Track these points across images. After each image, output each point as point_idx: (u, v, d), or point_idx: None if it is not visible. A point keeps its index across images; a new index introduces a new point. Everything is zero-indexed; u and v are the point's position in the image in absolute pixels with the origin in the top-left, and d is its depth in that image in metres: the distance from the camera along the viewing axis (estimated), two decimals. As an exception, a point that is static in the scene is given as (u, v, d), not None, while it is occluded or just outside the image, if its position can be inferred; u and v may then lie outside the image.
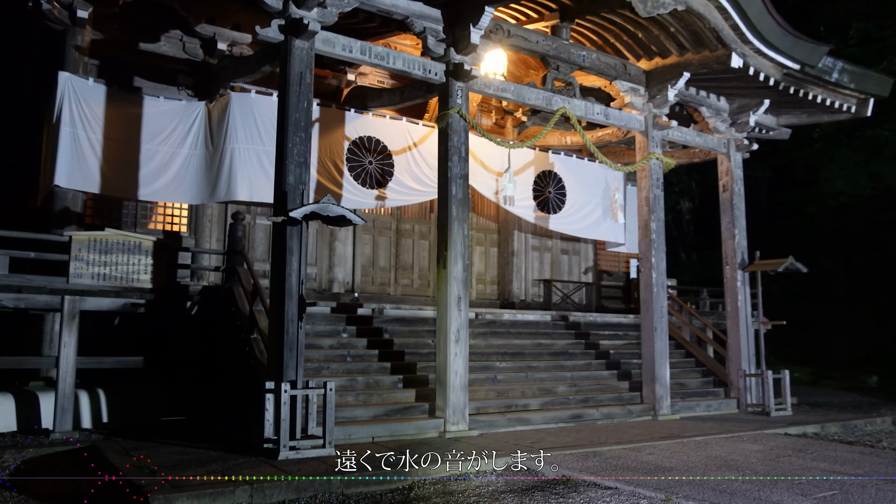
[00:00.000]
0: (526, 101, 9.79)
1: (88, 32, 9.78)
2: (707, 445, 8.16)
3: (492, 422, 8.70)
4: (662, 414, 10.22)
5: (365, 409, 8.13)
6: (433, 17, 8.78)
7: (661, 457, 7.34)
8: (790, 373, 11.66)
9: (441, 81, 8.91)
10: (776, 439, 8.76)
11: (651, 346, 10.43)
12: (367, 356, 9.19)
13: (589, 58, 10.33)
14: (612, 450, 7.65)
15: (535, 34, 9.90)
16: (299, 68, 7.71)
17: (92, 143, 9.35)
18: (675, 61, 10.56)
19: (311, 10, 7.76)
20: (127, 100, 9.70)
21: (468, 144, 8.93)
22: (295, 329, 7.18)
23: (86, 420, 8.57)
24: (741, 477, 6.40)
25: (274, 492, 5.67)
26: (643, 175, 10.86)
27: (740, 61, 9.94)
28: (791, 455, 7.63)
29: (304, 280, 7.28)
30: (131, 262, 8.44)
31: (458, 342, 8.45)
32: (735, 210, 11.90)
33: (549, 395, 9.77)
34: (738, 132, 12.04)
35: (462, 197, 8.76)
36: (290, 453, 6.69)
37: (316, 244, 11.41)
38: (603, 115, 10.46)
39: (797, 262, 11.25)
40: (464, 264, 8.67)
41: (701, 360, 12.28)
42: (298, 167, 7.56)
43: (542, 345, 11.01)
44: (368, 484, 6.09)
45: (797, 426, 9.95)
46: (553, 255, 14.16)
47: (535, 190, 12.69)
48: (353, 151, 10.72)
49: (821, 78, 10.77)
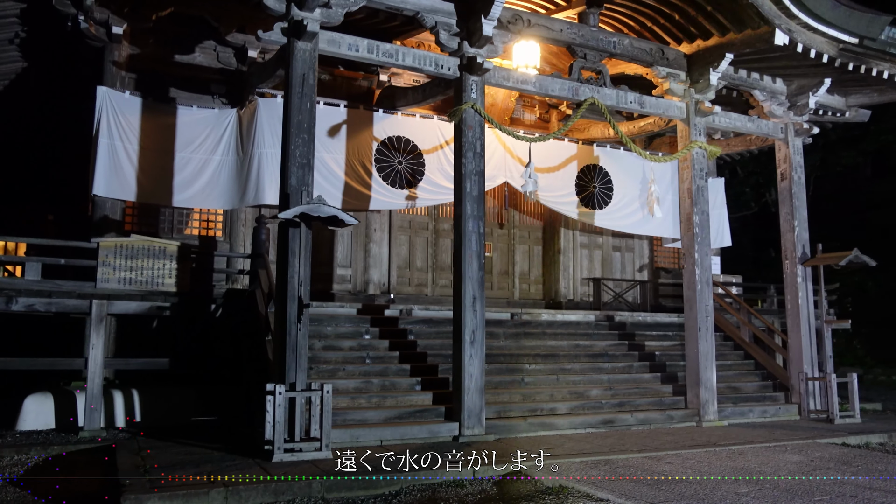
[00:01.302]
0: (550, 93, 9.41)
1: (125, 48, 10.22)
2: (740, 455, 7.53)
3: (512, 426, 8.39)
4: (708, 420, 9.56)
5: (377, 411, 8.03)
6: (445, 11, 8.59)
7: (679, 467, 6.83)
8: (878, 375, 10.67)
9: (455, 76, 8.70)
10: (826, 449, 7.98)
11: (695, 347, 9.78)
12: (388, 358, 9.09)
13: (620, 44, 9.83)
14: (628, 458, 7.19)
15: (560, 22, 9.51)
16: (302, 70, 7.72)
17: (129, 153, 9.75)
18: (717, 42, 9.87)
19: (313, 11, 7.76)
20: (161, 110, 10.06)
21: (484, 140, 8.68)
22: (295, 331, 7.17)
23: (120, 419, 8.93)
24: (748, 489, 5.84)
25: (250, 494, 5.64)
26: (685, 165, 10.21)
27: (785, 38, 9.16)
28: (831, 468, 6.91)
29: (304, 282, 7.27)
30: (156, 266, 8.71)
31: (473, 344, 8.21)
32: (794, 200, 11.00)
33: (580, 398, 9.34)
34: (796, 115, 11.13)
35: (477, 194, 8.51)
36: (284, 455, 6.68)
37: (351, 246, 11.45)
38: (637, 103, 9.91)
39: (863, 255, 10.27)
40: (479, 263, 8.41)
41: (761, 363, 11.43)
42: (301, 169, 7.56)
43: (580, 346, 10.55)
44: (353, 488, 5.98)
45: (860, 435, 9.05)
46: (604, 252, 13.59)
47: (579, 185, 12.23)
48: (382, 152, 10.67)
49: (885, 51, 9.77)
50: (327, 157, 10.26)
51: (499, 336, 10.21)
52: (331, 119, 10.35)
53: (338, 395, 8.17)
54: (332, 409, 7.84)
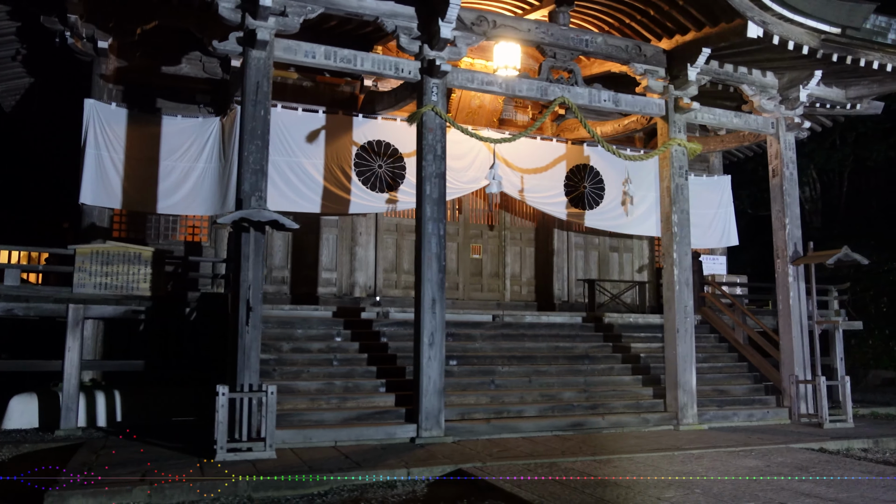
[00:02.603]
0: (517, 94, 9.35)
1: (112, 61, 10.62)
2: (695, 460, 7.33)
3: (474, 428, 8.36)
4: (686, 423, 9.33)
5: (336, 412, 8.12)
6: (405, 15, 8.64)
7: (621, 471, 6.69)
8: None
9: (416, 79, 8.74)
10: (794, 455, 7.70)
11: (674, 348, 9.56)
12: (356, 360, 9.19)
13: (593, 42, 9.70)
14: (577, 461, 7.09)
15: (528, 22, 9.46)
16: (256, 78, 7.89)
17: (114, 162, 10.13)
18: (694, 37, 9.66)
19: (267, 20, 7.92)
20: (146, 120, 10.41)
21: (444, 142, 8.69)
22: (244, 333, 7.32)
23: (101, 419, 9.27)
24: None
25: (174, 492, 5.79)
26: (664, 164, 10.00)
27: (759, 30, 8.90)
28: (786, 473, 6.65)
29: (253, 285, 7.40)
30: (131, 271, 9.02)
31: (432, 346, 8.22)
32: (786, 197, 10.64)
33: (551, 401, 9.25)
34: (788, 110, 10.78)
35: (438, 196, 8.53)
36: (228, 455, 6.84)
37: (336, 249, 11.59)
38: (612, 101, 9.76)
39: (854, 254, 9.85)
40: (439, 265, 8.42)
41: (755, 365, 11.09)
42: (254, 175, 7.72)
43: (561, 348, 10.44)
44: (281, 488, 6.08)
45: (844, 440, 8.70)
46: (601, 253, 13.40)
47: (568, 185, 12.10)
48: (362, 156, 10.78)
49: (872, 41, 9.39)
50: (306, 162, 10.43)
51: (476, 338, 10.20)
52: (309, 125, 10.52)
53: (299, 397, 8.34)
54: (292, 410, 8.06)
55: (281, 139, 10.32)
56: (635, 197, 12.30)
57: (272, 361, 8.72)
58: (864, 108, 12.15)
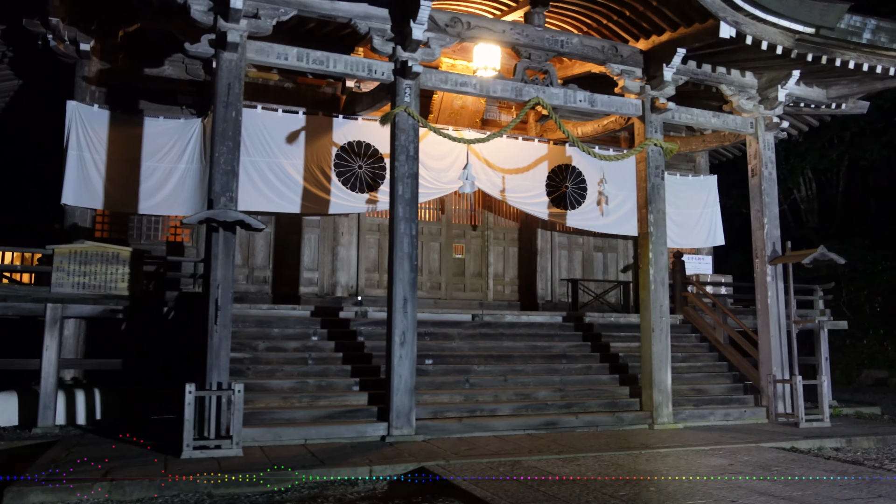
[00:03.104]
0: (491, 94, 9.40)
1: (95, 63, 10.73)
2: (661, 458, 7.37)
3: (445, 427, 8.43)
4: (661, 423, 9.36)
5: (308, 411, 8.19)
6: (379, 17, 8.70)
7: (584, 469, 6.73)
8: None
9: (389, 80, 8.81)
10: (762, 454, 7.71)
11: (649, 348, 9.60)
12: (331, 359, 9.26)
13: (569, 43, 9.74)
14: (541, 459, 7.14)
15: (502, 24, 9.51)
16: (227, 79, 7.97)
17: (96, 163, 10.23)
18: (669, 38, 9.68)
19: (239, 22, 8.00)
20: (129, 122, 10.51)
21: (417, 143, 8.75)
22: (213, 332, 7.41)
23: (81, 417, 9.36)
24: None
25: (134, 489, 5.87)
26: (641, 164, 10.04)
27: (732, 30, 8.93)
28: (748, 472, 6.68)
29: (221, 284, 7.48)
30: (109, 271, 9.11)
31: (403, 345, 8.28)
32: (765, 196, 10.65)
33: (526, 400, 9.30)
34: (767, 109, 10.78)
35: (410, 197, 8.59)
36: (194, 452, 6.93)
37: (318, 249, 11.68)
38: (588, 102, 9.80)
39: (830, 253, 9.87)
40: (411, 265, 8.49)
41: (735, 365, 11.10)
42: (225, 175, 7.81)
43: (539, 347, 10.48)
44: (241, 486, 6.15)
45: (817, 440, 8.72)
46: (585, 252, 13.43)
47: (550, 185, 12.14)
48: (342, 157, 10.85)
49: (847, 40, 9.39)
50: (286, 163, 10.52)
51: (454, 337, 10.25)
52: (289, 126, 10.60)
53: (271, 395, 8.43)
54: (264, 408, 8.15)
55: (261, 140, 10.42)
56: (613, 196, 12.32)
57: (247, 360, 8.81)
58: (849, 108, 12.14)
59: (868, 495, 5.82)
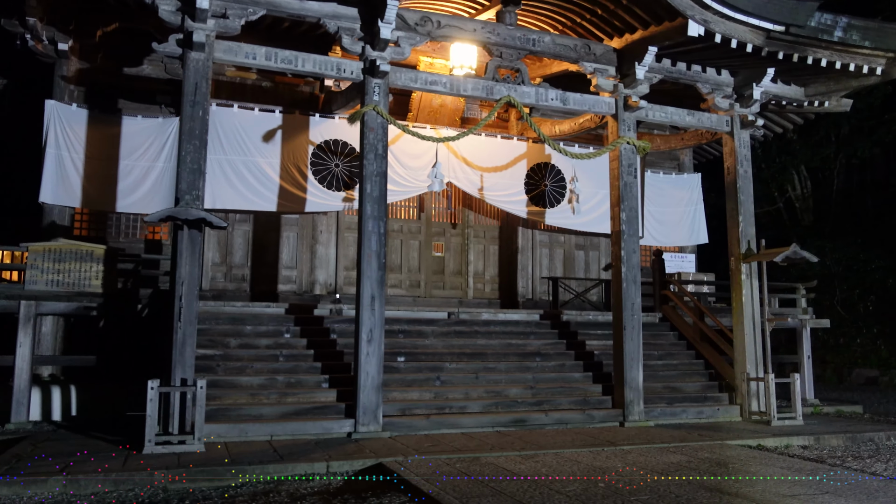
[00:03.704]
0: (462, 93, 9.45)
1: (74, 62, 10.83)
2: (621, 456, 7.38)
3: (412, 424, 8.48)
4: (632, 420, 9.39)
5: (275, 407, 8.26)
6: (348, 17, 8.75)
7: (541, 466, 6.77)
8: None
9: (359, 79, 8.86)
10: (726, 451, 7.72)
11: (620, 346, 9.63)
12: (302, 356, 9.32)
13: (541, 41, 9.77)
14: (500, 456, 7.18)
15: (473, 22, 9.55)
16: (194, 79, 8.05)
17: (74, 162, 10.33)
18: (641, 36, 9.71)
19: (207, 22, 8.08)
20: (107, 121, 10.60)
21: (386, 141, 8.80)
22: (177, 328, 7.49)
23: (56, 413, 9.46)
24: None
25: (90, 483, 5.95)
26: (614, 162, 10.06)
27: (700, 28, 8.95)
28: (703, 469, 6.70)
29: (185, 281, 7.55)
30: (83, 269, 9.20)
31: (370, 342, 8.34)
32: (740, 194, 10.65)
33: (497, 397, 9.34)
34: (743, 108, 10.79)
35: (378, 195, 8.64)
36: (156, 448, 7.00)
37: (296, 247, 11.75)
38: (560, 100, 9.83)
39: (803, 251, 9.87)
40: (379, 263, 8.54)
41: (711, 363, 11.11)
42: (191, 174, 7.89)
43: (513, 345, 10.52)
44: (197, 480, 6.22)
45: (786, 437, 8.74)
46: (566, 251, 13.46)
47: (529, 184, 12.18)
48: (319, 155, 10.92)
49: (818, 38, 9.40)
50: (262, 161, 10.59)
51: (428, 335, 10.31)
52: (266, 125, 10.68)
53: (240, 391, 8.50)
54: (232, 404, 8.23)
55: (237, 139, 10.50)
56: (591, 195, 12.36)
57: (218, 357, 8.89)
58: (832, 106, 12.12)
59: (815, 492, 5.84)
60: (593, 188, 12.38)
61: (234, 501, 5.77)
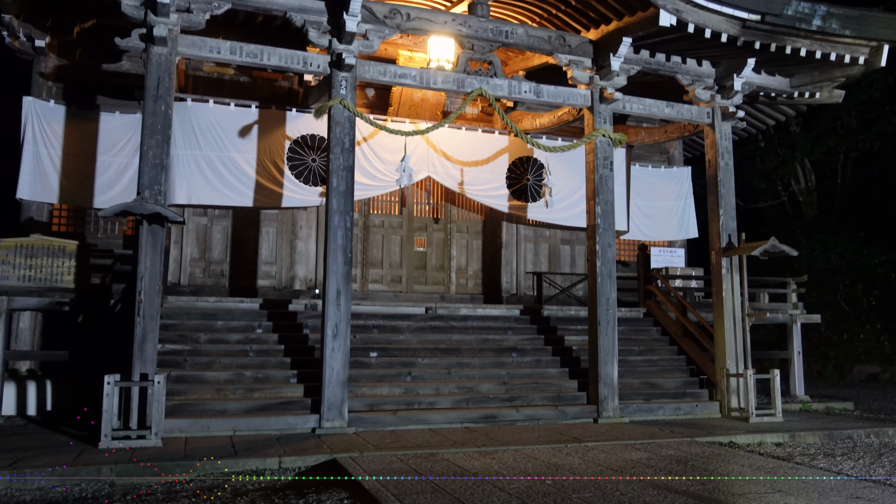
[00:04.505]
0: (432, 86, 9.36)
1: (53, 59, 10.87)
2: (582, 453, 7.26)
3: (379, 420, 8.43)
4: (606, 417, 9.28)
5: (240, 402, 8.24)
6: (315, 10, 8.69)
7: (495, 462, 6.70)
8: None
9: (326, 73, 8.80)
10: (691, 448, 7.57)
11: (595, 341, 9.51)
12: (272, 351, 9.30)
13: (514, 33, 9.65)
14: (458, 453, 7.10)
15: (444, 15, 9.45)
16: (157, 74, 8.03)
17: (52, 158, 10.38)
18: (616, 27, 9.55)
19: (169, 16, 8.05)
20: (85, 117, 10.64)
21: (353, 135, 8.73)
22: (137, 324, 7.49)
23: (31, 408, 9.51)
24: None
25: (36, 478, 5.96)
26: (589, 155, 9.93)
27: (672, 18, 8.78)
28: (662, 467, 6.59)
29: (149, 277, 7.55)
30: (55, 264, 9.24)
31: (336, 338, 8.30)
32: (721, 187, 10.48)
33: (469, 393, 9.26)
34: (724, 99, 10.60)
35: (344, 189, 8.58)
36: (112, 442, 7.01)
37: (276, 242, 11.73)
38: (533, 93, 9.71)
39: (781, 245, 9.68)
40: (345, 258, 8.48)
41: (693, 359, 10.95)
42: (153, 168, 7.88)
43: (490, 340, 10.43)
44: (145, 474, 6.21)
45: (761, 434, 8.59)
46: (552, 245, 13.33)
47: (510, 178, 12.07)
48: (295, 150, 10.88)
49: (796, 27, 9.19)
50: (238, 157, 10.57)
51: (403, 330, 10.25)
52: (242, 120, 10.65)
53: (206, 386, 8.49)
54: (197, 399, 8.22)
55: (213, 134, 10.48)
56: (573, 189, 12.18)
57: (186, 352, 8.89)
58: (824, 97, 11.88)
59: (767, 490, 5.71)
60: (576, 182, 12.23)
61: (177, 497, 5.75)
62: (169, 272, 11.05)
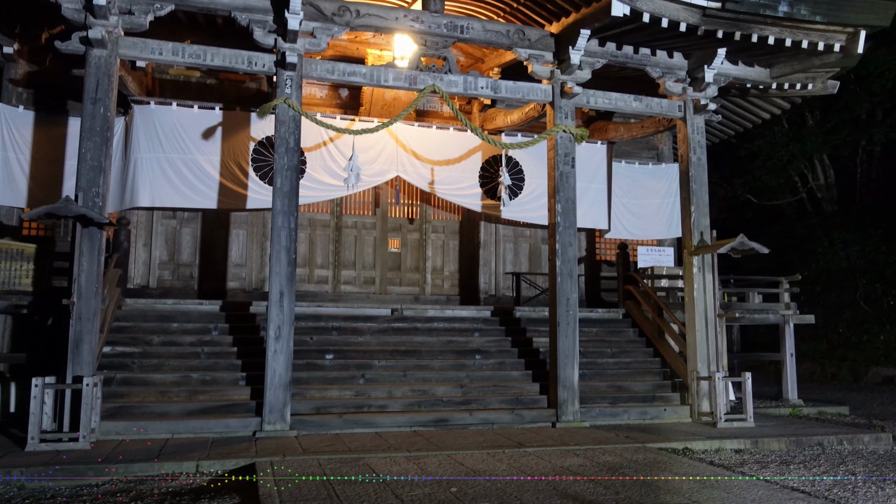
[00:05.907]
0: (383, 84, 9.19)
1: (23, 65, 11.01)
2: (518, 458, 7.00)
3: (325, 423, 8.29)
4: (565, 420, 8.98)
5: (183, 405, 8.19)
6: (261, 9, 8.61)
7: (417, 467, 6.49)
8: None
9: (271, 72, 8.71)
10: (636, 455, 7.24)
11: (555, 343, 9.22)
12: (225, 353, 9.24)
13: (470, 28, 9.43)
14: (388, 457, 6.91)
15: (396, 11, 9.28)
16: (96, 76, 8.05)
17: (21, 163, 10.51)
18: (574, 19, 9.26)
19: (109, 19, 8.06)
20: (54, 122, 10.74)
21: (298, 135, 8.62)
22: (71, 327, 7.49)
23: (-6, 409, 9.65)
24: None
25: (-56, 480, 5.98)
26: (551, 152, 9.65)
27: (625, 8, 8.46)
28: (589, 474, 6.30)
29: (86, 279, 7.55)
30: (13, 267, 9.33)
31: (278, 340, 8.19)
32: (692, 183, 10.08)
33: (423, 396, 9.05)
34: (697, 92, 10.21)
35: (289, 190, 8.48)
36: (39, 445, 7.01)
37: (246, 244, 11.69)
38: (490, 88, 9.48)
39: (750, 242, 9.25)
40: (289, 259, 8.38)
41: (668, 361, 10.56)
42: (92, 171, 7.89)
43: (454, 342, 10.21)
44: (56, 479, 6.17)
45: (720, 440, 8.20)
46: (532, 245, 13.03)
47: (483, 177, 11.83)
48: (260, 151, 10.82)
49: (761, 14, 8.79)
50: (202, 159, 10.55)
51: (364, 332, 10.10)
52: (206, 122, 10.63)
53: (150, 389, 8.46)
54: (140, 402, 8.20)
55: (176, 137, 10.49)
56: (541, 187, 11.87)
57: (136, 354, 8.88)
58: (818, 89, 11.43)
59: (685, 501, 5.39)
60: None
61: (79, 499, 5.70)
62: (137, 274, 11.10)
